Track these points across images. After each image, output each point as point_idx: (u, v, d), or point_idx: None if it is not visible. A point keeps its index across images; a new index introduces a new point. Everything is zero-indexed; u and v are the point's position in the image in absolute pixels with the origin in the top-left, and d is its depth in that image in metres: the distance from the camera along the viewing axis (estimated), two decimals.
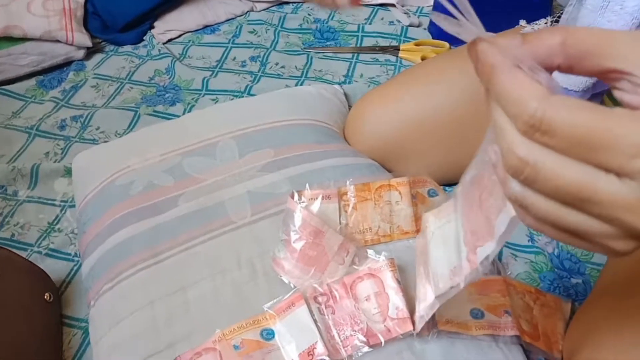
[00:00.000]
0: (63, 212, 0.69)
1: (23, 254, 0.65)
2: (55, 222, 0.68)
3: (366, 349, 0.46)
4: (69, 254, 0.65)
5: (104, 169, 0.64)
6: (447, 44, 0.90)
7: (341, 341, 0.47)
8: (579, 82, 0.54)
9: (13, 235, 0.67)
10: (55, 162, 0.76)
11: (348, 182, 0.57)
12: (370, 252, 0.53)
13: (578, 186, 0.22)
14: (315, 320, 0.47)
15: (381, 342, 0.46)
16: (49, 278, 0.59)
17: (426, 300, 0.43)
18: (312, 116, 0.70)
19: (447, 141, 0.66)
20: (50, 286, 0.59)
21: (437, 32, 0.93)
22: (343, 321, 0.48)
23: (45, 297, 0.57)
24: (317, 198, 0.55)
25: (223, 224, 0.57)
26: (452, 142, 0.66)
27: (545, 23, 0.66)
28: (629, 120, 0.21)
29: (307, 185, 0.56)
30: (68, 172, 0.72)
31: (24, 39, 0.88)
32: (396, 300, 0.48)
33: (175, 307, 0.51)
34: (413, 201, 0.57)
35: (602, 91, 0.56)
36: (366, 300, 0.49)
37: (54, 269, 0.63)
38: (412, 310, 0.48)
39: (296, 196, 0.54)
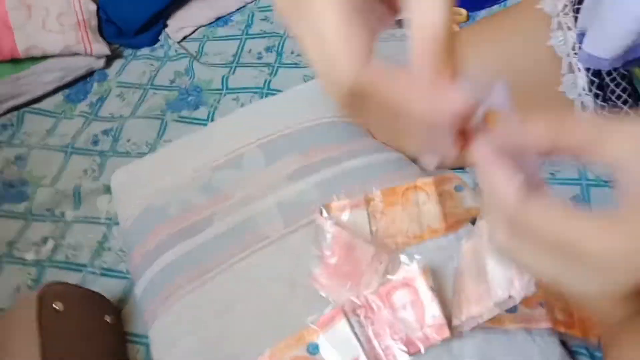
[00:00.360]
0: (109, 230, 0.73)
1: (78, 275, 0.70)
2: (104, 240, 0.73)
3: (407, 357, 0.49)
4: (121, 272, 0.69)
5: (140, 190, 0.68)
6: (464, 11, 0.87)
7: (382, 351, 0.50)
8: (609, 49, 0.52)
9: (67, 257, 0.72)
10: (94, 179, 0.80)
11: (374, 189, 0.58)
12: (403, 257, 0.55)
13: (551, 276, 0.25)
14: (355, 334, 0.50)
15: (420, 349, 0.49)
16: (106, 300, 0.64)
17: (480, 304, 0.44)
18: (333, 112, 0.70)
19: None
20: (109, 308, 0.64)
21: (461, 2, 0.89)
22: (382, 331, 0.50)
23: (106, 319, 0.62)
24: (345, 209, 0.57)
25: (258, 240, 0.59)
26: None
27: None
28: (597, 231, 0.23)
29: (334, 196, 0.57)
30: (107, 189, 0.76)
31: (44, 57, 0.89)
32: (432, 307, 0.50)
33: (223, 326, 0.54)
34: (440, 199, 0.58)
35: (634, 59, 0.54)
36: (403, 309, 0.51)
37: (110, 288, 0.67)
38: (448, 316, 0.51)
39: (324, 212, 0.56)
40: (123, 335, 0.63)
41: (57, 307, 0.56)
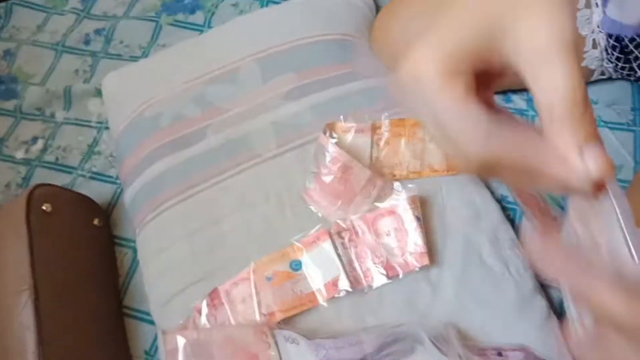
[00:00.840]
0: (100, 134, 0.73)
1: (68, 177, 0.70)
2: (94, 144, 0.72)
3: (385, 280, 0.50)
4: (111, 177, 0.69)
5: (132, 98, 0.66)
6: None
7: (362, 273, 0.51)
8: (634, 15, 0.50)
9: (57, 158, 0.72)
10: (85, 81, 0.77)
11: (383, 117, 0.57)
12: (396, 185, 0.55)
13: None
14: (339, 255, 0.51)
15: (399, 274, 0.50)
16: (96, 204, 0.65)
17: None
18: (337, 30, 0.67)
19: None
20: (97, 211, 0.64)
21: None
22: (365, 255, 0.52)
23: (95, 222, 0.63)
24: (350, 131, 0.56)
25: (250, 157, 0.59)
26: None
27: None
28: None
29: (341, 117, 0.56)
30: (99, 92, 0.74)
31: None
32: (415, 236, 0.51)
33: (211, 239, 0.55)
34: None
35: None
36: (387, 235, 0.52)
37: (99, 192, 0.68)
38: (430, 244, 0.52)
39: (328, 132, 0.55)
40: (111, 239, 0.65)
41: (45, 208, 0.57)
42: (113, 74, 0.71)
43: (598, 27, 0.58)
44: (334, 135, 0.55)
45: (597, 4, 0.57)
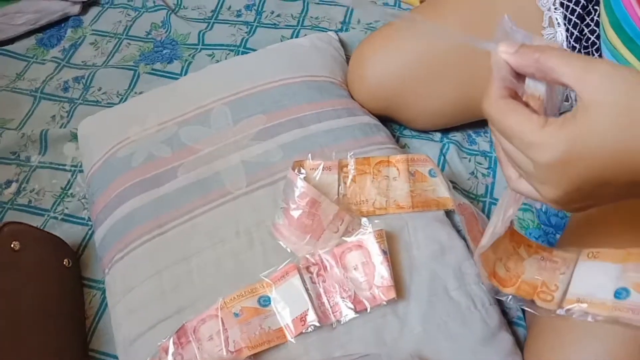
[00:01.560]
0: (74, 177, 0.73)
1: (40, 219, 0.70)
2: (68, 187, 0.72)
3: (353, 314, 0.51)
4: (83, 219, 0.69)
5: (106, 140, 0.67)
6: None
7: (330, 307, 0.51)
8: None
9: (30, 201, 0.72)
10: (61, 126, 0.79)
11: (349, 155, 0.59)
12: (363, 220, 0.56)
13: (510, 153, 0.34)
14: (307, 289, 0.51)
15: (367, 308, 0.51)
16: (66, 244, 0.64)
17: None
18: (305, 72, 0.70)
19: (451, 81, 0.66)
20: (67, 252, 0.64)
21: None
22: (333, 289, 0.52)
23: (64, 262, 0.62)
24: (317, 168, 0.58)
25: (221, 195, 0.60)
26: (457, 82, 0.66)
27: None
28: (530, 125, 0.31)
29: (309, 155, 0.58)
30: (75, 136, 0.75)
31: None
32: (381, 269, 0.52)
33: (180, 275, 0.55)
34: (411, 178, 0.59)
35: None
36: (354, 269, 0.52)
37: (70, 233, 0.68)
38: (397, 278, 0.52)
39: (296, 168, 0.56)
40: (80, 280, 0.64)
41: (14, 246, 0.56)
42: (89, 118, 0.73)
43: (562, 44, 0.62)
44: (302, 171, 0.57)
45: (559, 23, 0.61)
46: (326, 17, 0.86)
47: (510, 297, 0.50)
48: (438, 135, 0.71)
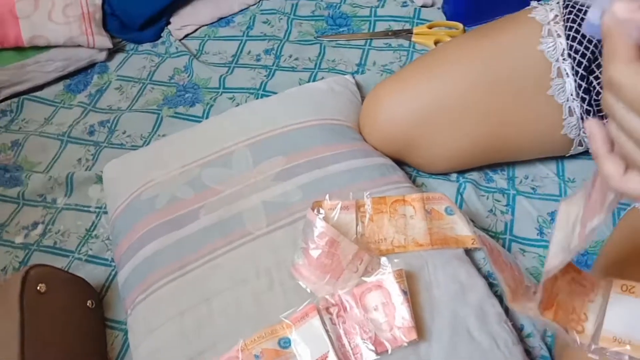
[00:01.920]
0: (98, 218, 0.75)
1: (65, 260, 0.71)
2: (92, 228, 0.74)
3: (374, 356, 0.50)
4: (107, 260, 0.70)
5: (130, 182, 0.69)
6: (460, 25, 0.89)
7: (351, 349, 0.51)
8: None
9: (55, 243, 0.73)
10: (87, 168, 0.81)
11: (365, 196, 0.60)
12: (383, 260, 0.56)
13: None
14: (327, 330, 0.51)
15: (388, 350, 0.50)
16: (89, 286, 0.66)
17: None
18: (322, 115, 0.72)
19: (465, 126, 0.66)
20: (91, 293, 0.65)
21: (450, 12, 0.91)
22: (353, 330, 0.52)
23: (88, 304, 0.63)
24: (335, 208, 0.59)
25: (241, 235, 0.61)
26: (469, 128, 0.67)
27: (557, 3, 0.66)
28: None
29: (327, 196, 0.59)
30: (100, 179, 0.77)
31: (48, 47, 0.91)
32: (402, 310, 0.52)
33: (202, 317, 0.56)
34: (428, 216, 0.60)
35: None
36: (374, 310, 0.52)
37: (94, 274, 0.69)
38: (417, 319, 0.52)
39: (315, 209, 0.57)
40: (103, 321, 0.65)
41: (40, 288, 0.58)
42: (114, 161, 0.75)
43: (572, 95, 0.63)
44: (321, 211, 0.57)
45: (567, 74, 0.62)
46: (342, 60, 0.89)
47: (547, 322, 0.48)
48: (454, 175, 0.71)
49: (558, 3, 0.66)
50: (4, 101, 0.93)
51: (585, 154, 0.71)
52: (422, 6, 0.94)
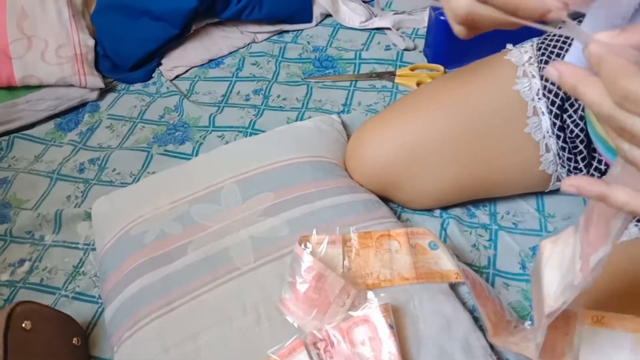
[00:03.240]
0: (86, 255, 0.75)
1: (51, 297, 0.71)
2: (80, 265, 0.74)
3: None
4: (94, 297, 0.70)
5: (119, 218, 0.70)
6: (441, 67, 0.93)
7: None
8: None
9: (42, 280, 0.73)
10: (76, 205, 0.82)
11: (352, 230, 0.61)
12: (369, 294, 0.57)
13: None
14: None
15: None
16: (76, 323, 0.65)
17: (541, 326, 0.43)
18: (309, 153, 0.74)
19: (445, 164, 0.69)
20: (77, 330, 0.65)
21: (432, 55, 0.95)
22: None
23: (74, 341, 0.63)
24: (322, 242, 0.60)
25: (229, 271, 0.61)
26: (451, 165, 0.69)
27: (531, 45, 0.69)
28: None
29: (314, 231, 0.60)
30: (89, 216, 0.78)
31: (40, 86, 0.93)
32: (389, 344, 0.52)
33: (188, 353, 0.56)
34: (412, 250, 0.61)
35: None
36: (361, 344, 0.53)
37: (81, 311, 0.69)
38: (404, 353, 0.53)
39: (303, 243, 0.58)
40: (89, 358, 0.64)
41: (25, 326, 0.57)
42: (103, 198, 0.76)
43: (548, 132, 0.65)
44: (309, 245, 0.58)
45: (543, 112, 0.65)
46: (329, 100, 0.91)
47: None
48: (438, 211, 0.73)
49: (532, 46, 0.69)
50: None
51: None
52: (404, 49, 0.98)
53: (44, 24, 0.93)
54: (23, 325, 0.57)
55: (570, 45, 0.64)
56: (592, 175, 0.65)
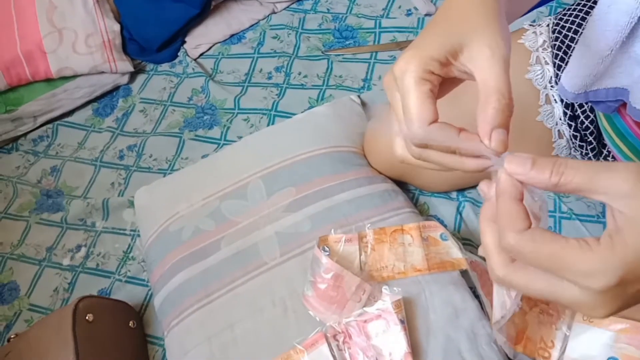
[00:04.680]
0: (133, 241, 0.84)
1: (107, 281, 0.81)
2: (129, 251, 0.83)
3: None
4: (143, 280, 0.79)
5: (158, 213, 0.77)
6: None
7: None
8: (574, 85, 0.55)
9: (98, 265, 0.83)
10: (120, 192, 0.90)
11: (367, 227, 0.66)
12: (384, 287, 0.63)
13: (545, 291, 0.31)
14: (334, 356, 0.59)
15: None
16: (130, 307, 0.75)
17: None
18: (329, 143, 0.78)
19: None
20: (132, 314, 0.74)
21: None
22: (357, 355, 0.59)
23: (130, 324, 0.73)
24: (340, 241, 0.65)
25: (258, 265, 0.68)
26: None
27: (547, 26, 0.68)
28: (577, 251, 0.29)
29: (332, 230, 0.66)
30: (132, 204, 0.86)
31: (75, 76, 0.98)
32: (400, 337, 0.59)
33: (226, 342, 0.64)
34: (424, 243, 0.66)
35: (596, 101, 0.58)
36: (376, 337, 0.60)
37: (133, 294, 0.78)
38: (414, 343, 0.59)
39: (321, 245, 0.64)
40: (144, 338, 0.74)
41: (88, 318, 0.67)
42: (143, 189, 0.83)
43: (560, 119, 0.66)
44: (326, 248, 0.64)
45: (555, 100, 0.66)
46: (349, 76, 0.93)
47: (518, 354, 0.55)
48: (454, 194, 0.76)
49: (548, 25, 0.68)
50: (39, 128, 1.02)
51: None
52: (426, 14, 0.96)
53: (72, 15, 0.96)
54: (86, 318, 0.67)
55: (584, 28, 0.63)
56: None
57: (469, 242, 0.72)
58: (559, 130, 0.67)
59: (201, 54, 1.03)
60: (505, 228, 0.31)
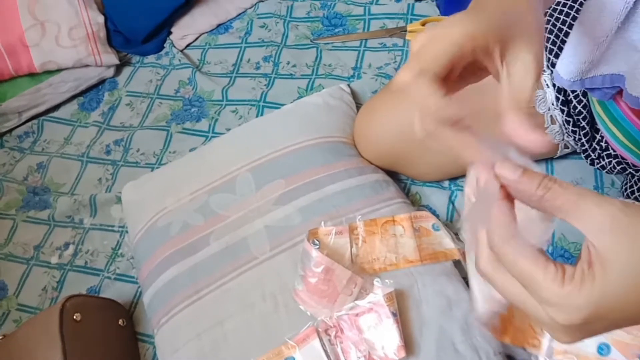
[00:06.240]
0: (122, 237, 0.82)
1: (96, 279, 0.79)
2: (117, 247, 0.82)
3: None
4: (132, 277, 0.78)
5: (146, 209, 0.75)
6: None
7: None
8: (569, 71, 0.53)
9: (86, 262, 0.81)
10: (107, 188, 0.88)
11: (357, 219, 0.65)
12: (375, 280, 0.62)
13: (517, 299, 0.32)
14: (326, 351, 0.58)
15: None
16: (120, 305, 0.73)
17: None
18: (318, 133, 0.76)
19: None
20: (122, 312, 0.73)
21: (444, 7, 0.92)
22: (349, 349, 0.58)
23: (120, 322, 0.71)
24: (330, 233, 0.64)
25: (247, 260, 0.67)
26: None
27: None
28: (549, 280, 0.29)
29: (322, 223, 0.64)
30: (119, 199, 0.84)
31: (59, 70, 0.96)
32: (392, 330, 0.58)
33: (217, 338, 0.63)
34: (416, 234, 0.65)
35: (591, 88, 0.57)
36: (367, 330, 0.59)
37: (123, 292, 0.77)
38: (407, 335, 0.58)
39: (311, 239, 0.63)
40: (134, 336, 0.73)
41: (76, 318, 0.66)
42: (130, 184, 0.81)
43: (553, 104, 0.65)
44: (316, 241, 0.63)
45: (547, 85, 0.64)
46: (338, 64, 0.91)
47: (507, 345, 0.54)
48: (447, 183, 0.75)
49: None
50: (25, 123, 1.00)
51: (573, 154, 0.74)
52: (415, 0, 0.94)
53: (55, 7, 0.94)
54: (74, 317, 0.66)
55: (579, 14, 0.61)
56: (595, 149, 0.65)
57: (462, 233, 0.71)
58: (551, 116, 0.66)
59: (188, 45, 1.01)
60: (494, 231, 0.31)
